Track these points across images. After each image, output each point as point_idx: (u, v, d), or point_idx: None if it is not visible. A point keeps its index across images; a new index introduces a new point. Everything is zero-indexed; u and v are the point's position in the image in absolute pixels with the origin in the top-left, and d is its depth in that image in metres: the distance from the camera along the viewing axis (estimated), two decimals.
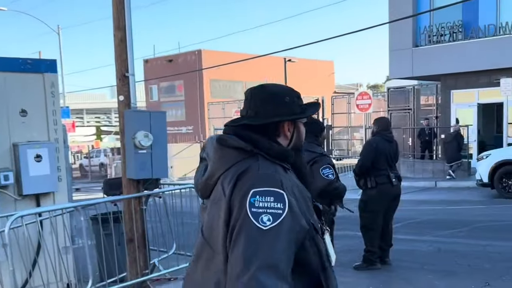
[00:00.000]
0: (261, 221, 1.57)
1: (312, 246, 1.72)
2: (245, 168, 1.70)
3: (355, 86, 42.81)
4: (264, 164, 1.72)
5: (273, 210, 1.59)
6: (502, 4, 17.15)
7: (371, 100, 17.00)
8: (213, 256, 1.70)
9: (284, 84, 2.28)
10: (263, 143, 1.77)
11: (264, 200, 1.60)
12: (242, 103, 2.26)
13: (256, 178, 1.66)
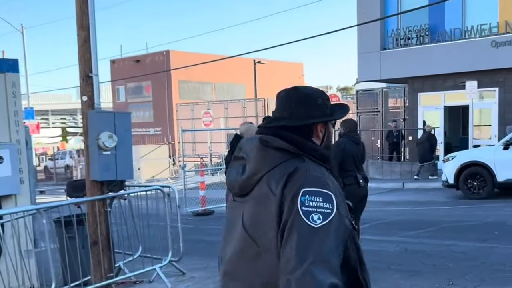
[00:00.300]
0: (312, 219, 1.66)
1: (351, 243, 1.80)
2: (293, 169, 1.77)
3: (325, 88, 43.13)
4: (312, 166, 1.80)
5: (323, 210, 1.68)
6: (468, 8, 17.50)
7: (341, 102, 17.10)
8: (260, 254, 1.76)
9: (255, 85, 2.22)
10: (306, 145, 1.86)
11: (314, 200, 1.69)
12: (211, 105, 2.23)
13: (306, 179, 1.74)
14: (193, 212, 12.93)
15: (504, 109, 16.56)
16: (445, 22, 17.91)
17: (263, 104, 26.88)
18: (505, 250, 7.19)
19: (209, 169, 19.76)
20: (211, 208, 13.16)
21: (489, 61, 16.45)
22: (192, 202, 13.41)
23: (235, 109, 27.73)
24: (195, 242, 9.07)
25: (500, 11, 16.73)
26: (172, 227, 6.92)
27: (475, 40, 17.06)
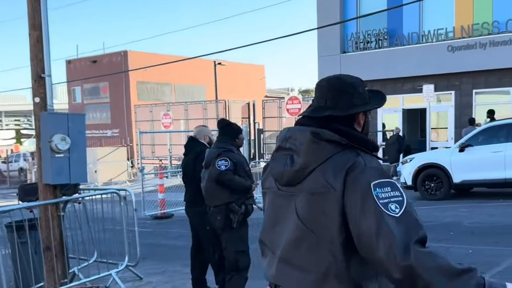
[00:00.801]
0: (391, 209, 1.71)
1: None
2: (352, 163, 1.80)
3: (287, 90, 43.20)
4: (367, 158, 1.85)
5: (395, 198, 1.74)
6: (425, 13, 17.83)
7: (301, 104, 17.09)
8: (319, 244, 1.82)
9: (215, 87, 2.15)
10: (357, 136, 1.90)
11: (384, 191, 1.74)
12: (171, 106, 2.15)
13: (369, 173, 1.78)
14: (152, 215, 12.66)
15: (460, 112, 16.93)
16: (403, 26, 18.20)
17: (224, 106, 26.73)
18: (460, 250, 7.27)
19: (168, 171, 19.47)
20: (171, 211, 12.92)
21: (445, 65, 16.80)
22: (150, 206, 13.14)
23: (196, 111, 27.48)
24: (153, 246, 8.90)
25: (456, 17, 17.12)
26: (128, 231, 6.77)
27: (432, 45, 17.39)
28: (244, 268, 5.02)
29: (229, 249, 5.05)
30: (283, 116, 22.05)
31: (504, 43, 16.03)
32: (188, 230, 6.19)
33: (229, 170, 4.93)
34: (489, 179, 11.85)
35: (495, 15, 16.45)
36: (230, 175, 4.93)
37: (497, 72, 16.41)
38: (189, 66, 32.28)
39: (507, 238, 7.88)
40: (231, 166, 4.94)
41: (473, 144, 12.10)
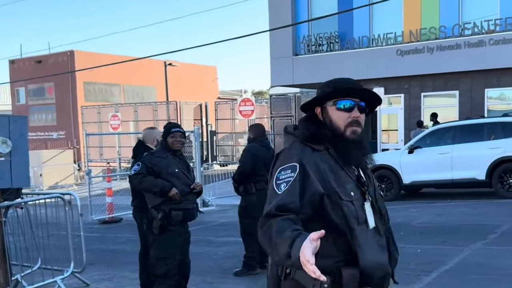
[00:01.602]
0: (279, 189, 2.10)
1: (336, 209, 2.11)
2: (280, 150, 2.25)
3: (240, 92, 43.10)
4: (293, 146, 2.23)
5: (286, 179, 2.10)
6: (374, 17, 18.12)
7: (254, 106, 17.04)
8: None
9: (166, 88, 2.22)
10: (300, 129, 2.27)
11: (282, 175, 2.13)
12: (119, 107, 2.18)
13: (280, 158, 2.21)
14: (100, 220, 12.28)
15: (409, 114, 17.29)
16: (354, 30, 18.44)
17: (175, 107, 26.34)
18: (409, 249, 7.34)
19: (117, 174, 19.00)
20: (119, 215, 12.57)
21: (395, 69, 17.11)
22: (98, 210, 12.75)
23: (146, 112, 26.99)
24: (101, 252, 8.69)
25: (405, 21, 17.49)
26: (74, 236, 6.58)
27: (381, 48, 17.69)
28: (162, 275, 4.90)
29: (150, 254, 5.06)
30: (236, 118, 21.96)
31: (450, 47, 16.48)
32: (137, 235, 6.01)
33: (138, 174, 4.95)
34: (437, 180, 12.11)
35: (442, 20, 16.90)
36: (139, 179, 4.94)
37: (443, 76, 16.86)
38: (139, 67, 31.78)
39: (454, 237, 8.05)
40: (142, 170, 4.93)
41: (421, 146, 12.34)
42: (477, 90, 16.57)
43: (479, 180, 11.68)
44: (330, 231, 2.04)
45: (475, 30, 16.29)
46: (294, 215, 2.04)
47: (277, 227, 1.98)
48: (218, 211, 12.76)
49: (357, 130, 2.25)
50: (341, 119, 2.24)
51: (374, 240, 2.18)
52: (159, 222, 4.85)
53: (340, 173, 2.18)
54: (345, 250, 2.11)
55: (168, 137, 5.06)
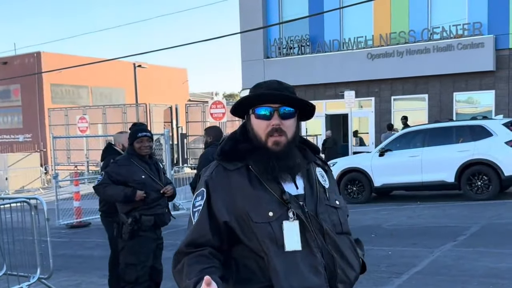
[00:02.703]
0: (194, 218, 2.01)
1: (247, 233, 1.94)
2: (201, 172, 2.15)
3: (211, 94, 42.89)
4: (210, 166, 2.10)
5: (197, 208, 2.00)
6: (345, 21, 18.26)
7: (225, 109, 16.89)
8: None
9: (135, 90, 2.07)
10: (220, 143, 2.12)
11: (197, 201, 2.03)
12: (87, 110, 2.15)
13: (201, 180, 2.08)
14: (67, 224, 11.98)
15: (379, 117, 17.46)
16: (325, 33, 18.54)
17: (144, 110, 26.02)
18: (380, 251, 7.36)
19: (85, 178, 18.64)
20: (87, 219, 12.29)
21: (365, 72, 17.27)
22: (66, 214, 12.44)
23: (114, 115, 26.57)
24: (68, 257, 8.46)
25: (375, 25, 17.67)
26: (41, 242, 6.37)
27: (352, 52, 17.82)
28: (132, 282, 4.78)
29: (120, 260, 4.93)
30: (207, 120, 21.81)
31: (419, 51, 16.70)
32: (106, 239, 5.87)
33: (99, 184, 4.89)
34: (407, 183, 12.22)
35: (411, 24, 17.13)
36: (102, 188, 4.88)
37: (413, 80, 17.09)
38: (107, 69, 31.32)
39: (424, 239, 8.10)
40: (105, 180, 4.85)
41: (392, 149, 12.43)
42: (445, 94, 16.85)
43: (448, 183, 11.83)
44: (253, 254, 1.93)
45: (443, 34, 16.57)
46: (208, 249, 1.93)
47: (187, 268, 1.89)
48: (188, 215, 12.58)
49: (279, 140, 1.98)
50: (261, 128, 2.00)
51: (303, 263, 1.94)
52: (129, 228, 4.71)
53: (257, 193, 1.97)
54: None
55: (134, 142, 4.83)
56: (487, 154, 11.43)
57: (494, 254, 6.91)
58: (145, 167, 4.88)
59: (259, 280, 1.94)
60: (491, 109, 16.29)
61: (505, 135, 11.41)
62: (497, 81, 16.24)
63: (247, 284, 1.93)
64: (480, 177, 11.53)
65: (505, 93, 16.17)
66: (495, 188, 11.44)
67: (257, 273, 1.95)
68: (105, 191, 4.86)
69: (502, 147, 11.34)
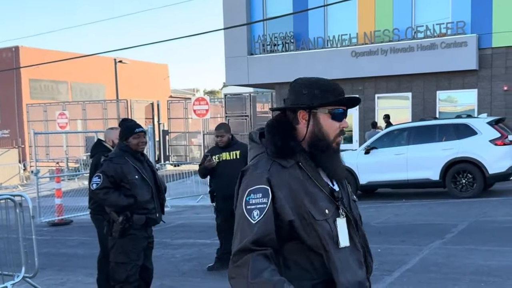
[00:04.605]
0: (252, 216, 1.93)
1: (309, 231, 1.96)
2: (247, 167, 2.03)
3: (192, 91, 42.66)
4: (260, 162, 2.01)
5: (261, 205, 1.92)
6: (329, 18, 18.24)
7: (209, 105, 16.77)
8: None
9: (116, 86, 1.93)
10: (267, 140, 2.04)
11: (254, 198, 1.94)
12: (67, 105, 2.03)
13: (250, 178, 1.99)
14: (49, 222, 11.77)
15: (363, 115, 17.48)
16: (309, 31, 18.49)
17: (125, 106, 25.75)
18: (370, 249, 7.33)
19: (65, 174, 18.36)
20: (69, 217, 12.11)
21: (349, 70, 17.26)
22: (47, 211, 12.22)
23: (94, 111, 26.28)
24: (52, 255, 8.33)
25: (359, 23, 17.68)
26: (25, 240, 6.23)
27: (336, 50, 17.82)
28: (121, 281, 4.69)
29: (110, 259, 4.82)
30: (190, 117, 21.64)
31: (403, 50, 16.77)
32: (90, 237, 5.76)
33: (100, 189, 4.62)
34: (393, 180, 12.24)
35: (395, 23, 17.18)
36: (102, 195, 4.64)
37: (397, 78, 17.15)
38: (87, 64, 30.96)
39: (412, 236, 8.11)
40: (105, 183, 4.61)
41: (377, 147, 12.45)
42: (429, 92, 16.96)
43: (433, 181, 11.89)
44: (307, 251, 1.97)
45: (427, 33, 16.66)
46: (270, 250, 1.93)
47: (253, 266, 1.88)
48: (174, 213, 12.46)
49: (340, 141, 2.11)
50: (332, 129, 2.06)
51: (352, 258, 2.06)
52: (120, 226, 4.61)
53: (313, 190, 2.01)
54: (322, 271, 1.99)
55: (131, 138, 4.71)
56: (472, 152, 11.51)
57: (483, 251, 6.94)
58: (139, 166, 4.78)
59: (311, 276, 1.99)
60: (473, 108, 16.43)
61: (489, 134, 11.50)
62: (479, 80, 16.39)
63: (297, 281, 1.94)
64: (464, 175, 11.61)
65: (487, 92, 16.33)
66: (480, 186, 11.53)
67: (309, 269, 1.99)
68: (106, 199, 4.65)
69: (486, 146, 11.43)
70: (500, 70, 16.13)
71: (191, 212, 12.88)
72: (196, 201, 14.39)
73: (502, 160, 11.43)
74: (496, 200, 11.18)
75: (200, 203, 14.21)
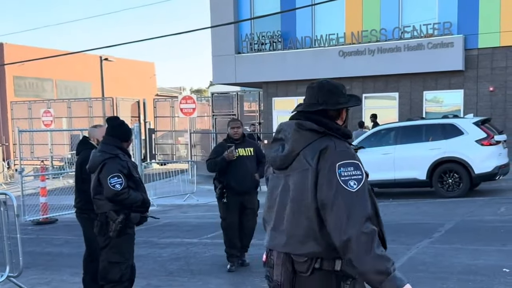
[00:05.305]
0: (349, 185, 2.22)
1: (371, 198, 2.35)
2: (324, 146, 2.32)
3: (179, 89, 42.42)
4: (338, 143, 2.36)
5: (356, 177, 2.25)
6: (317, 18, 18.25)
7: (196, 104, 16.69)
8: (299, 211, 2.33)
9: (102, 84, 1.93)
10: (332, 125, 2.41)
11: (347, 170, 2.25)
12: (51, 103, 1.92)
13: (337, 155, 2.30)
14: (33, 220, 11.60)
15: (350, 115, 17.16)
16: (297, 30, 18.48)
17: (111, 104, 25.53)
18: None
19: (50, 173, 18.15)
20: (54, 216, 11.95)
21: (337, 70, 17.27)
22: (31, 210, 12.04)
23: (80, 109, 26.04)
24: (37, 254, 8.19)
25: (347, 23, 17.71)
26: (9, 239, 6.13)
27: (324, 49, 17.83)
28: (115, 280, 4.65)
29: (102, 258, 4.73)
30: (177, 115, 21.52)
31: (390, 50, 16.82)
32: (75, 236, 5.68)
33: (124, 188, 4.54)
34: (380, 180, 12.23)
35: (382, 23, 17.23)
36: (126, 194, 4.55)
37: (384, 78, 17.21)
38: (73, 61, 30.68)
39: (400, 235, 8.10)
40: (125, 183, 4.55)
41: (365, 146, 12.45)
42: (416, 92, 17.03)
43: (420, 180, 11.93)
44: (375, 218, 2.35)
45: (414, 33, 16.73)
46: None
47: (375, 238, 2.20)
48: (160, 211, 12.36)
49: None
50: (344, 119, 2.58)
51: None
52: (119, 225, 4.54)
53: None
54: None
55: (131, 138, 4.86)
56: (458, 152, 11.57)
57: (470, 251, 6.96)
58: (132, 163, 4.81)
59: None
60: (460, 108, 16.54)
61: (475, 134, 11.56)
62: (466, 81, 16.50)
63: None
64: (451, 175, 11.67)
65: (473, 93, 16.45)
66: (466, 186, 11.59)
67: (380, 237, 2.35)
68: (129, 197, 4.57)
69: (472, 146, 11.49)
70: (486, 71, 16.25)
71: (178, 211, 12.79)
72: (183, 200, 14.30)
73: (488, 160, 11.50)
74: (482, 199, 11.25)
75: (187, 202, 14.13)
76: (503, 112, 16.11)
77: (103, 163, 4.58)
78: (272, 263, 2.41)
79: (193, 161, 16.88)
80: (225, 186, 6.47)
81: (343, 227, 2.17)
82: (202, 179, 15.76)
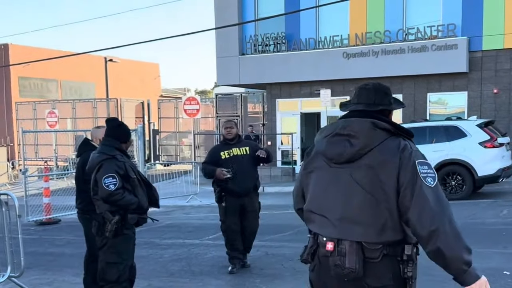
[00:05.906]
0: (428, 182, 2.43)
1: None
2: (403, 146, 2.50)
3: (183, 90, 42.48)
4: (411, 143, 2.56)
5: (431, 174, 2.47)
6: (321, 19, 18.24)
7: (200, 105, 16.71)
8: (377, 203, 2.47)
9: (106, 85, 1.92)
10: (400, 126, 2.59)
11: (424, 168, 2.46)
12: (56, 104, 1.91)
13: (415, 153, 2.50)
14: (36, 221, 11.64)
15: None
16: (301, 31, 18.48)
17: (115, 105, 25.58)
18: None
19: (54, 173, 18.21)
20: (57, 216, 11.98)
21: (341, 71, 17.27)
22: (35, 210, 12.08)
23: (84, 109, 26.11)
24: (39, 255, 8.21)
25: (351, 24, 17.69)
26: (11, 239, 6.14)
27: (328, 51, 17.81)
28: (112, 281, 4.65)
29: (100, 259, 4.73)
30: (180, 116, 21.54)
31: (394, 51, 16.79)
32: (77, 237, 5.68)
33: (119, 189, 4.52)
34: None
35: (386, 24, 17.20)
36: (120, 195, 4.54)
37: (388, 79, 17.10)
38: (78, 62, 30.76)
39: None
40: (120, 183, 4.54)
41: None
42: (420, 94, 17.00)
43: None
44: None
45: (418, 35, 16.70)
46: None
47: (460, 229, 2.43)
48: (163, 212, 12.36)
49: None
50: None
51: None
52: (115, 226, 4.55)
53: None
54: None
55: (130, 139, 4.86)
56: (461, 155, 11.55)
57: (473, 254, 6.92)
58: (131, 164, 4.82)
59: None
60: (463, 110, 16.50)
61: (479, 136, 11.54)
62: (470, 83, 16.45)
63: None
64: (454, 177, 11.65)
65: (477, 95, 16.40)
66: (469, 188, 11.57)
67: None
68: (124, 198, 4.55)
69: (476, 148, 11.46)
70: (490, 73, 16.21)
71: (180, 212, 12.80)
72: (186, 201, 14.32)
73: (491, 162, 11.47)
74: (485, 202, 11.22)
75: (189, 203, 14.14)
76: (507, 114, 16.06)
77: (100, 163, 4.59)
78: (344, 252, 2.51)
79: (196, 162, 16.90)
80: (224, 189, 6.49)
81: (431, 218, 2.36)
82: (205, 180, 15.68)
